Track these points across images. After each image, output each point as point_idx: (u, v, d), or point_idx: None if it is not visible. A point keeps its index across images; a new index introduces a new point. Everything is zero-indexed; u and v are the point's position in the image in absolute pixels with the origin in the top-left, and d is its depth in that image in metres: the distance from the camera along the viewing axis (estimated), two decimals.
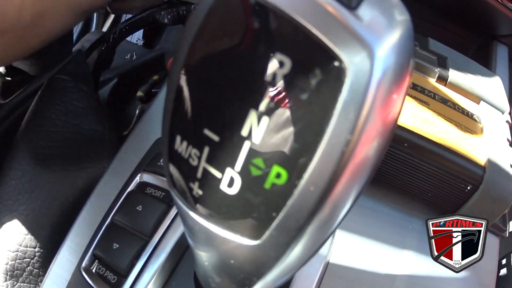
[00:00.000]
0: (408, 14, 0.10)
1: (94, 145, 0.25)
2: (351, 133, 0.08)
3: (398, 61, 0.09)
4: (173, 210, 0.21)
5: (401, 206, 0.24)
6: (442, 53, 0.29)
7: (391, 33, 0.09)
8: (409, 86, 0.10)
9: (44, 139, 0.24)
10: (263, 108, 0.09)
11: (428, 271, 0.23)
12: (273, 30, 0.09)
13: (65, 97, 0.25)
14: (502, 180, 0.23)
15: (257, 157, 0.10)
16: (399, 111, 0.10)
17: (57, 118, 0.25)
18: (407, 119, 0.23)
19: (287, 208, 0.10)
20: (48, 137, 0.24)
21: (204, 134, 0.10)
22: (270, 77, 0.09)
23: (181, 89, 0.11)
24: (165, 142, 0.12)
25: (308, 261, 0.12)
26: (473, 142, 0.24)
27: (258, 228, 0.10)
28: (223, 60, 0.10)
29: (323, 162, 0.09)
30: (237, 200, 0.10)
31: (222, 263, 0.13)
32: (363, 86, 0.08)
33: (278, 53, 0.09)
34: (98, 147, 0.26)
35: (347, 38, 0.08)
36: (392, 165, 0.22)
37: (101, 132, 0.26)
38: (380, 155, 0.10)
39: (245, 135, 0.09)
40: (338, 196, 0.09)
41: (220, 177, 0.10)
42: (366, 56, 0.08)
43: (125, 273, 0.20)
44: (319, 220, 0.10)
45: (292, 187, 0.09)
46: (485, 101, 0.27)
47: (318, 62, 0.09)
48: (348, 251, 0.22)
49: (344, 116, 0.08)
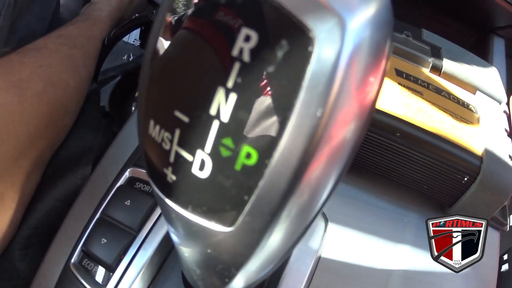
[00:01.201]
0: None
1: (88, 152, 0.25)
2: (322, 107, 0.08)
3: (373, 36, 0.09)
4: None
5: (396, 199, 0.24)
6: (436, 43, 0.28)
7: (366, 5, 0.08)
8: (386, 69, 0.10)
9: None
10: (230, 85, 0.09)
11: (425, 266, 0.22)
12: (239, 3, 0.09)
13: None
14: (500, 170, 0.22)
15: (226, 137, 0.09)
16: (377, 90, 0.09)
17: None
18: (399, 108, 0.22)
19: (258, 190, 0.09)
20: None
21: (175, 115, 0.10)
22: (236, 51, 0.09)
23: (152, 72, 0.10)
24: (140, 128, 0.12)
25: (292, 252, 0.12)
26: (469, 132, 0.23)
27: (231, 214, 0.10)
28: (188, 37, 0.09)
29: (293, 140, 0.08)
30: (209, 184, 0.10)
31: (199, 254, 0.13)
32: (333, 58, 0.08)
33: (243, 27, 0.08)
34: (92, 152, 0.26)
35: (315, 6, 0.08)
36: (384, 155, 0.22)
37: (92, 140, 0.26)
38: (357, 137, 0.09)
39: (214, 114, 0.09)
40: (312, 178, 0.09)
41: (191, 160, 0.10)
42: (336, 25, 0.08)
43: (112, 268, 0.20)
44: (294, 204, 0.09)
45: (263, 167, 0.09)
46: (482, 91, 0.27)
47: (284, 33, 0.08)
48: (340, 245, 0.21)
49: (313, 88, 0.08)
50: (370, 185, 0.23)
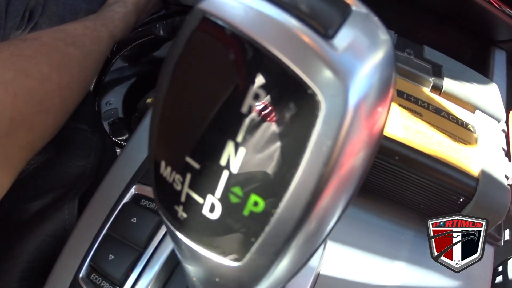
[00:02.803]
0: (388, 36, 0.10)
1: (77, 182, 0.24)
2: (325, 167, 0.09)
3: (380, 78, 0.09)
4: None
5: (392, 217, 0.24)
6: (437, 61, 0.29)
7: (367, 60, 0.09)
8: (390, 107, 0.10)
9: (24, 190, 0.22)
10: (240, 139, 0.09)
11: (420, 282, 0.23)
12: (249, 61, 0.09)
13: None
14: (495, 191, 0.23)
15: (236, 186, 0.10)
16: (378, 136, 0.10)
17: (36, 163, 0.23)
18: (399, 131, 0.23)
19: (264, 234, 0.10)
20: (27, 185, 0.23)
21: (186, 161, 0.11)
22: (246, 109, 0.09)
23: (164, 117, 0.11)
24: (152, 167, 0.12)
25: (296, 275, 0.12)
26: (467, 153, 0.24)
27: (239, 251, 0.11)
28: (201, 90, 0.10)
29: (297, 194, 0.09)
30: (219, 224, 0.11)
31: (208, 280, 0.13)
32: (337, 120, 0.09)
33: (253, 86, 0.09)
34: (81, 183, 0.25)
35: (320, 69, 0.08)
36: (383, 177, 0.22)
37: (84, 166, 0.25)
38: (355, 189, 0.10)
39: (224, 165, 0.10)
40: (311, 226, 0.09)
41: (202, 203, 0.11)
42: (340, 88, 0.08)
43: (120, 283, 0.20)
44: (295, 247, 0.10)
45: (269, 215, 0.10)
46: (481, 109, 0.27)
47: (292, 95, 0.09)
48: (339, 262, 0.22)
49: (318, 150, 0.09)
50: (368, 203, 0.24)
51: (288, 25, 0.09)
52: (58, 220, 0.24)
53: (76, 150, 0.25)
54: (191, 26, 0.10)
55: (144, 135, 0.26)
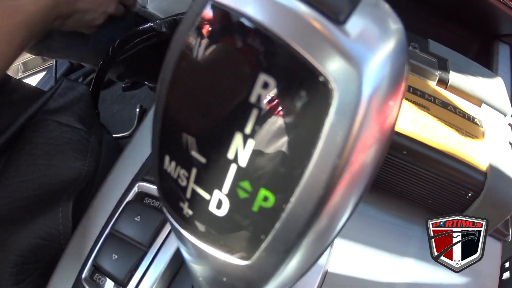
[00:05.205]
0: (400, 23, 0.09)
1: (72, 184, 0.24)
2: (339, 158, 0.08)
3: (392, 69, 0.09)
4: None
5: (400, 213, 0.24)
6: (442, 55, 0.28)
7: (380, 48, 0.09)
8: (402, 101, 0.10)
9: (17, 191, 0.23)
10: (248, 131, 0.09)
11: (429, 278, 0.23)
12: (257, 49, 0.09)
13: (41, 138, 0.24)
14: (504, 185, 0.22)
15: (244, 180, 0.09)
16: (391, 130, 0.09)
17: (31, 164, 0.23)
18: (407, 125, 0.22)
19: (274, 231, 0.09)
20: (21, 187, 0.23)
21: (192, 155, 0.10)
22: (254, 98, 0.09)
23: (168, 110, 0.11)
24: (155, 162, 0.12)
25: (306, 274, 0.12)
26: (474, 147, 0.23)
27: (248, 249, 0.10)
28: (206, 80, 0.10)
29: (309, 189, 0.09)
30: (226, 221, 0.10)
31: (214, 280, 0.13)
32: (351, 108, 0.08)
33: (262, 73, 0.09)
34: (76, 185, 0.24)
35: (332, 56, 0.08)
36: (391, 172, 0.22)
37: (79, 168, 0.25)
38: (368, 182, 0.09)
39: (231, 158, 0.09)
40: (323, 223, 0.09)
41: (208, 199, 0.10)
42: (353, 75, 0.08)
43: (124, 284, 0.20)
44: (306, 244, 0.10)
45: (280, 211, 0.09)
46: (487, 103, 0.27)
47: (303, 83, 0.08)
48: (347, 259, 0.22)
49: (331, 141, 0.08)
50: (375, 199, 0.24)
51: (298, 11, 0.08)
52: (52, 223, 0.23)
53: (71, 151, 0.25)
54: (197, 13, 0.09)
55: (148, 131, 0.25)
